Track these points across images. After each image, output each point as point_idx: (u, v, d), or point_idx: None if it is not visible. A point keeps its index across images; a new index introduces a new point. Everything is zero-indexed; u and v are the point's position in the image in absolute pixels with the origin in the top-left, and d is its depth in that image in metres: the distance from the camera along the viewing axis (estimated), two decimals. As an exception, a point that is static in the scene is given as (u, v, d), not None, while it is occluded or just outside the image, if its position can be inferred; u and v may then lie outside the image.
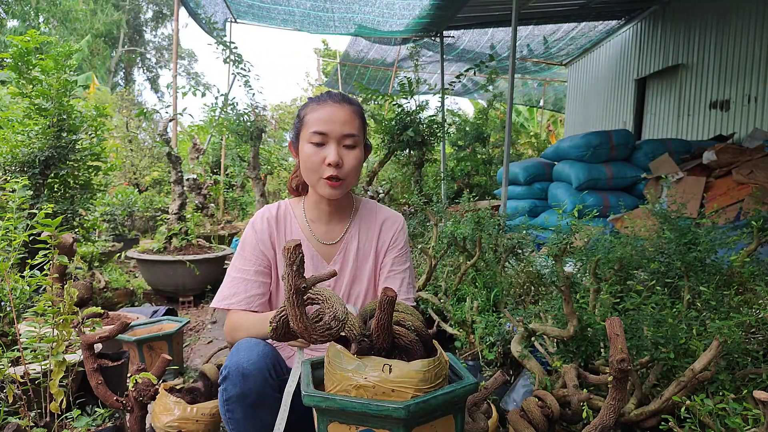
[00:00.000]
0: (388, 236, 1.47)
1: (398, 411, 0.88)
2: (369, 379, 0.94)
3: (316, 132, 1.31)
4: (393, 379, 0.93)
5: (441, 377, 0.98)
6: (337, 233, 1.46)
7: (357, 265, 1.45)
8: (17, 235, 1.65)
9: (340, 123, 1.32)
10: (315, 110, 1.34)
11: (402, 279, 1.45)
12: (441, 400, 0.94)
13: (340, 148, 1.32)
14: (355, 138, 1.33)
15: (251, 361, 1.14)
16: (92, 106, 3.52)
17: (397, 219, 1.50)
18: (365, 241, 1.47)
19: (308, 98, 1.44)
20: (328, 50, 17.10)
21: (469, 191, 3.71)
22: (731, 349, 1.38)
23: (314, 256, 1.44)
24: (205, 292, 4.35)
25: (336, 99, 1.35)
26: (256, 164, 5.12)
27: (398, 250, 1.47)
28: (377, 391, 0.93)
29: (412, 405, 0.89)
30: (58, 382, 1.45)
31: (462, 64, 9.31)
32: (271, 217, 1.45)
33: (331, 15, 6.87)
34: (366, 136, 1.42)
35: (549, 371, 1.68)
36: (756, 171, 4.01)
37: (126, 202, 7.01)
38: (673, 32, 6.69)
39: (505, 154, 4.50)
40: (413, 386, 0.93)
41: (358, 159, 1.35)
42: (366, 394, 0.94)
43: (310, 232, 1.45)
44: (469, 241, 2.74)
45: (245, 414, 1.15)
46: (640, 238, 2.14)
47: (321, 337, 0.93)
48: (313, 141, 1.32)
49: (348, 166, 1.33)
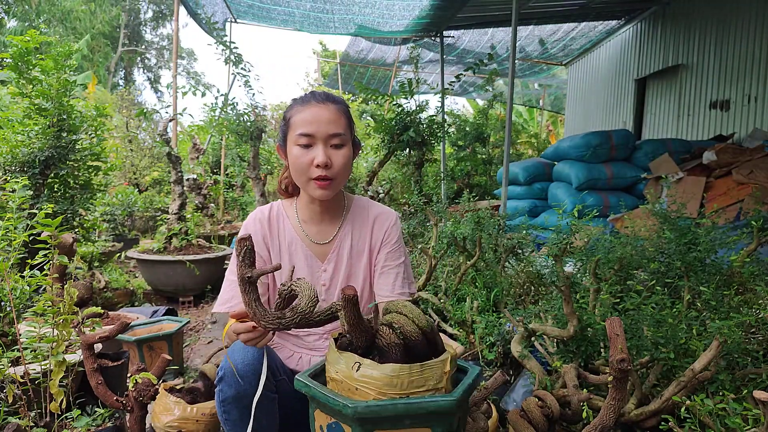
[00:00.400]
0: (380, 232, 1.47)
1: (347, 408, 0.88)
2: (339, 373, 0.96)
3: (303, 134, 1.31)
4: (357, 378, 0.93)
5: (423, 386, 0.94)
6: (330, 232, 1.46)
7: (351, 263, 1.46)
8: (17, 235, 1.65)
9: (326, 123, 1.31)
10: (299, 112, 1.34)
11: (396, 274, 1.45)
12: (401, 408, 0.89)
13: (327, 148, 1.32)
14: (342, 137, 1.33)
15: (246, 363, 1.14)
16: (92, 106, 3.52)
17: (389, 215, 1.50)
18: (358, 238, 1.47)
19: (292, 99, 1.43)
20: (326, 51, 17.10)
21: (469, 191, 3.71)
22: (731, 349, 1.38)
23: (308, 256, 1.44)
24: (205, 292, 4.35)
25: (320, 99, 1.35)
26: (256, 164, 5.12)
27: (391, 245, 1.47)
28: (344, 387, 0.95)
29: (360, 407, 0.88)
30: (58, 382, 1.45)
31: (462, 65, 9.31)
32: (263, 219, 1.46)
33: (331, 17, 6.88)
34: (354, 133, 1.42)
35: (549, 371, 1.69)
36: (756, 171, 4.01)
37: (126, 202, 7.01)
38: (673, 32, 6.69)
39: (505, 154, 4.50)
40: (376, 388, 0.91)
41: (346, 158, 1.34)
42: (336, 388, 0.96)
43: (303, 233, 1.45)
44: (469, 241, 2.74)
45: (241, 415, 1.15)
46: (640, 238, 2.14)
47: (271, 325, 0.98)
48: (300, 143, 1.32)
49: (337, 166, 1.32)
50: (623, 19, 7.69)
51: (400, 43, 8.43)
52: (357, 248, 1.46)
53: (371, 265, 1.48)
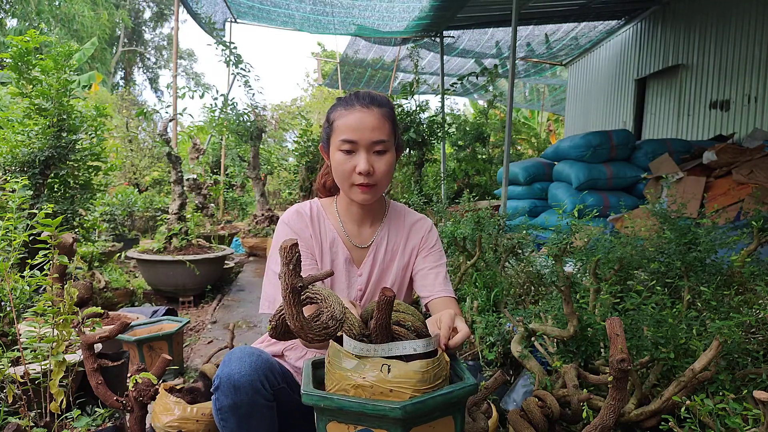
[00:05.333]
0: (417, 238, 1.47)
1: (395, 411, 0.88)
2: (367, 378, 0.94)
3: (346, 140, 1.29)
4: (391, 380, 0.93)
5: (441, 378, 0.98)
6: (369, 236, 1.46)
7: (383, 268, 1.45)
8: (17, 235, 1.65)
9: (370, 130, 1.28)
10: (343, 116, 1.31)
11: (437, 273, 1.43)
12: (439, 400, 0.93)
13: (370, 155, 1.30)
14: (386, 143, 1.31)
15: (242, 373, 1.13)
16: (92, 106, 3.52)
17: (425, 221, 1.51)
18: (393, 243, 1.46)
19: (336, 99, 1.41)
20: (325, 52, 17.11)
21: (469, 191, 3.71)
22: (731, 349, 1.38)
23: (347, 259, 1.43)
24: (205, 292, 4.35)
25: (364, 102, 1.31)
26: (256, 164, 5.12)
27: (429, 249, 1.47)
28: (375, 391, 0.93)
29: (408, 405, 0.89)
30: (58, 382, 1.45)
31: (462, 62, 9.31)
32: (306, 216, 1.44)
33: (331, 18, 6.88)
34: (398, 136, 1.39)
35: (549, 371, 1.68)
36: (756, 171, 4.01)
37: (126, 202, 7.01)
38: (673, 32, 6.70)
39: (505, 154, 4.50)
40: (411, 386, 0.93)
41: (389, 164, 1.32)
42: (364, 394, 0.94)
43: (344, 234, 1.44)
44: (469, 241, 2.74)
45: (239, 423, 1.15)
46: (640, 238, 2.14)
47: (318, 336, 0.93)
48: (342, 149, 1.30)
49: (379, 173, 1.31)
50: (623, 19, 7.69)
51: (399, 44, 8.44)
52: (390, 253, 1.46)
53: (403, 271, 1.47)
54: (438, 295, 1.40)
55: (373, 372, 0.94)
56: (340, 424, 0.96)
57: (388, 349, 0.96)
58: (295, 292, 0.90)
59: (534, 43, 8.48)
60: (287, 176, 10.38)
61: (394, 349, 0.96)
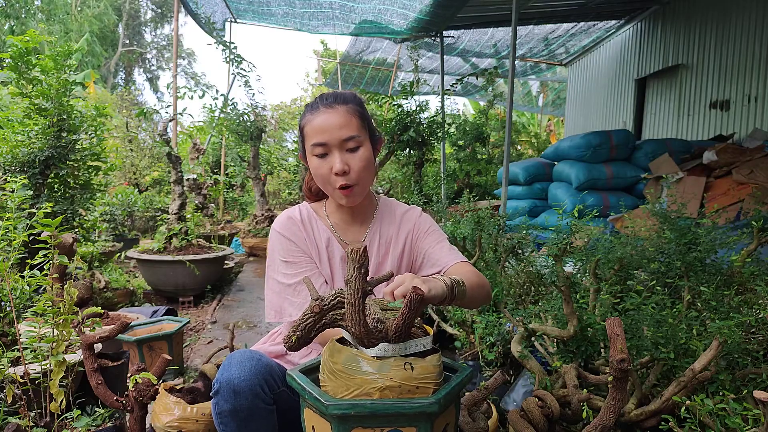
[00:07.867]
0: (409, 225, 1.47)
1: (432, 406, 0.91)
2: (394, 378, 0.93)
3: (316, 144, 1.29)
4: (416, 376, 0.94)
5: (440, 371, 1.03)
6: (361, 234, 1.46)
7: (379, 261, 1.45)
8: (17, 235, 1.65)
9: (337, 128, 1.28)
10: (310, 121, 1.31)
11: (441, 247, 1.43)
12: (456, 390, 0.98)
13: (343, 153, 1.29)
14: (356, 138, 1.30)
15: (242, 378, 1.13)
16: (92, 106, 3.52)
17: (414, 209, 1.51)
18: (386, 236, 1.46)
19: (305, 106, 1.40)
20: (327, 51, 17.10)
21: (469, 191, 3.71)
22: (731, 349, 1.38)
23: (344, 257, 1.43)
24: (205, 292, 4.35)
25: (327, 102, 1.31)
26: (256, 164, 5.12)
27: (426, 232, 1.46)
28: (403, 390, 0.93)
29: (441, 398, 0.92)
30: (58, 382, 1.45)
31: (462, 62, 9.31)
32: (297, 220, 1.43)
33: (332, 21, 6.88)
34: (371, 129, 1.38)
35: (549, 371, 1.68)
36: (756, 171, 4.01)
37: (126, 202, 7.01)
38: (673, 32, 6.70)
39: (505, 154, 4.50)
40: (433, 381, 0.96)
41: (364, 159, 1.31)
42: (391, 394, 0.93)
43: (336, 235, 1.44)
44: (469, 241, 2.74)
45: (239, 427, 1.14)
46: (640, 238, 2.14)
47: (376, 341, 0.93)
48: (315, 153, 1.30)
49: (356, 170, 1.30)
50: (623, 19, 7.69)
51: (399, 43, 8.44)
52: (385, 246, 1.46)
53: (400, 259, 1.46)
54: (449, 264, 1.37)
55: (398, 371, 0.94)
56: (365, 429, 0.94)
57: (404, 348, 0.97)
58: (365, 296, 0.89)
59: (533, 43, 8.48)
60: (287, 176, 10.38)
61: (408, 347, 0.97)
